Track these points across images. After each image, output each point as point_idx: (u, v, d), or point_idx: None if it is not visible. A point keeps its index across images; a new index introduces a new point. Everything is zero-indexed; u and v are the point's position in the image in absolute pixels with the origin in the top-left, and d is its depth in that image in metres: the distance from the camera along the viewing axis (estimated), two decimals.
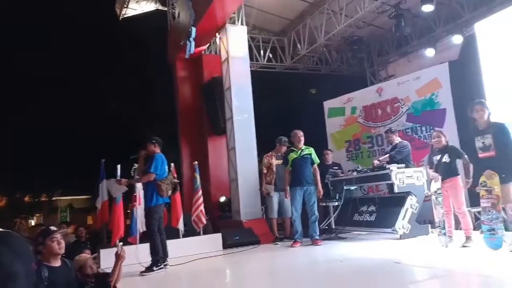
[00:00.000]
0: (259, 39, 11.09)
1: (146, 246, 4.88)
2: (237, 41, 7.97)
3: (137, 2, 11.01)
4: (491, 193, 4.08)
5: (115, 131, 19.22)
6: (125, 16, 11.33)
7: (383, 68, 11.69)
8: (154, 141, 5.12)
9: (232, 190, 7.67)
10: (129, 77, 19.56)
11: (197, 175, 6.54)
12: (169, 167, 5.31)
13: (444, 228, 4.67)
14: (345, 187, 6.54)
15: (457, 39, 9.01)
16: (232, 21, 8.06)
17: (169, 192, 5.06)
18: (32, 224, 21.67)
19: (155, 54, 12.89)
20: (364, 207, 6.34)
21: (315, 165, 6.10)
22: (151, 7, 11.26)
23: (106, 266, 4.17)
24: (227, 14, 7.82)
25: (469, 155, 4.64)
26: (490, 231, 4.08)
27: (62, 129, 20.80)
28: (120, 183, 5.23)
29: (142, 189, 5.35)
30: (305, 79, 12.50)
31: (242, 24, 8.14)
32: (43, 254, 3.01)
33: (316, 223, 5.91)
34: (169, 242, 5.12)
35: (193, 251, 5.75)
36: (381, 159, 6.71)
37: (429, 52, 9.62)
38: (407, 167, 6.00)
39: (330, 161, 7.67)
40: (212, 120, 9.08)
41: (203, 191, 6.68)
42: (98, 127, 20.28)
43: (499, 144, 4.20)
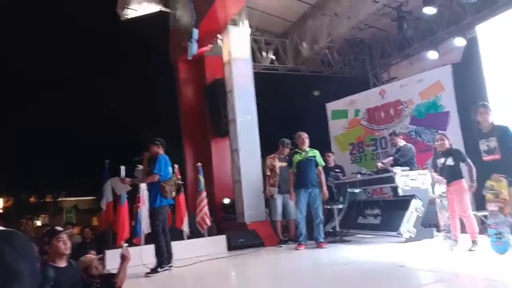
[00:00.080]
0: (262, 41, 11.10)
1: (151, 248, 4.89)
2: (239, 42, 7.98)
3: (138, 2, 11.01)
4: (498, 196, 4.07)
5: (119, 132, 19.27)
6: (127, 17, 11.33)
7: (385, 70, 11.67)
8: (157, 142, 5.13)
9: (236, 192, 7.67)
10: (131, 78, 19.60)
11: (201, 177, 6.54)
12: (173, 168, 5.32)
13: (450, 231, 4.66)
14: (349, 190, 6.53)
15: (459, 42, 8.99)
16: (234, 22, 8.08)
17: (173, 193, 5.07)
18: (38, 225, 21.69)
19: (157, 55, 12.89)
20: (368, 210, 6.33)
21: (320, 167, 6.10)
22: (153, 8, 11.26)
23: (112, 267, 4.17)
24: (229, 16, 7.83)
25: (473, 158, 4.63)
26: (497, 235, 4.07)
27: (67, 129, 20.85)
28: (124, 182, 5.25)
29: (146, 190, 5.36)
30: (308, 81, 12.50)
31: (244, 25, 8.15)
32: (49, 254, 3.02)
33: (321, 225, 5.90)
34: (174, 244, 5.13)
35: (197, 252, 5.76)
36: (385, 161, 6.70)
37: (431, 55, 9.61)
38: (411, 170, 5.99)
39: (332, 163, 7.67)
40: (215, 121, 9.09)
41: (207, 192, 6.68)
42: (104, 128, 20.32)
43: (504, 147, 4.19)
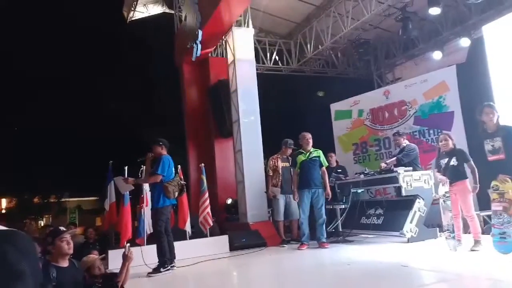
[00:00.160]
0: (266, 42, 11.12)
1: (153, 248, 4.90)
2: (243, 43, 7.99)
3: (144, 5, 11.10)
4: (504, 196, 4.04)
5: (123, 132, 19.38)
6: (133, 19, 11.42)
7: (390, 71, 11.64)
8: (161, 143, 5.14)
9: (239, 192, 7.68)
10: (136, 78, 19.72)
11: (203, 177, 6.56)
12: (176, 169, 5.33)
13: (453, 231, 4.64)
14: (352, 190, 6.52)
15: (464, 42, 8.95)
16: (238, 24, 8.10)
17: (176, 194, 5.08)
18: (41, 225, 21.84)
19: (162, 56, 12.97)
20: (371, 210, 6.30)
21: (324, 168, 6.09)
22: (158, 10, 11.34)
23: (114, 267, 4.19)
24: (233, 17, 7.85)
25: (478, 158, 4.60)
26: (501, 235, 4.04)
27: (71, 130, 21.03)
28: (127, 182, 5.27)
29: (149, 190, 5.38)
30: (312, 81, 12.50)
31: (248, 27, 8.17)
32: (52, 254, 3.03)
33: (324, 225, 5.89)
34: (176, 244, 5.13)
35: (200, 253, 5.77)
36: (388, 162, 6.68)
37: (436, 55, 9.57)
38: (414, 170, 5.96)
39: (334, 164, 7.66)
40: (219, 122, 9.11)
41: (210, 193, 6.69)
42: (108, 128, 20.45)
43: (509, 147, 4.16)
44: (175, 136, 9.54)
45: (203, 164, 6.70)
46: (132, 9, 11.09)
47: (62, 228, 3.25)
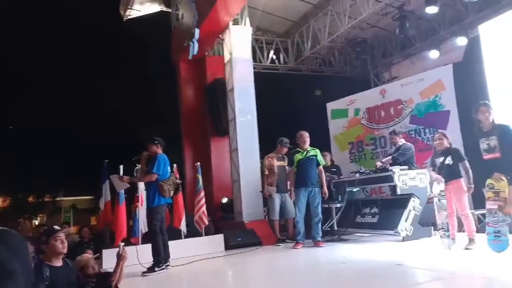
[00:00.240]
0: (263, 41, 11.10)
1: (148, 247, 4.89)
2: (240, 42, 7.97)
3: (141, 3, 11.04)
4: (499, 195, 4.05)
5: (118, 131, 19.31)
6: (129, 17, 11.36)
7: (387, 70, 11.66)
8: (156, 141, 5.12)
9: (235, 191, 7.67)
10: (131, 77, 19.63)
11: (199, 176, 6.55)
12: (171, 167, 5.32)
13: (448, 230, 4.64)
14: (347, 189, 6.52)
15: (461, 41, 8.96)
16: (235, 22, 8.07)
17: (171, 193, 5.06)
18: (36, 224, 21.76)
19: (159, 54, 12.92)
20: (366, 209, 6.32)
21: (321, 167, 6.10)
22: (155, 8, 11.29)
23: (109, 266, 4.17)
24: (230, 16, 7.83)
25: (473, 157, 4.61)
26: (495, 233, 4.04)
27: (66, 129, 20.92)
28: (122, 180, 5.26)
29: (144, 189, 5.37)
30: (309, 80, 12.49)
31: (245, 25, 8.15)
32: (46, 253, 3.02)
33: (319, 224, 5.90)
34: (171, 243, 5.12)
35: (195, 252, 5.76)
36: (384, 161, 6.69)
37: (433, 54, 9.58)
38: (409, 169, 5.97)
39: (328, 163, 7.65)
40: (215, 121, 9.09)
41: (206, 192, 6.68)
42: (102, 127, 20.37)
43: (505, 145, 4.17)
44: (171, 135, 9.51)
45: (198, 163, 6.70)
46: (129, 7, 11.02)
47: (56, 227, 3.24)
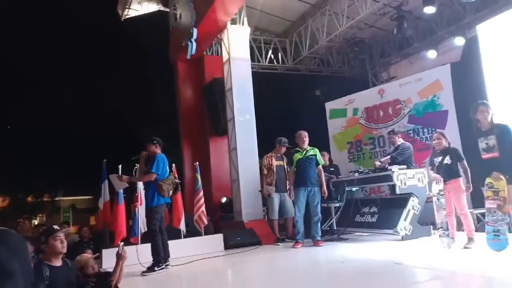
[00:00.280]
0: (261, 40, 11.11)
1: (148, 247, 4.88)
2: (238, 42, 7.97)
3: (139, 3, 11.02)
4: (498, 194, 4.06)
5: (117, 131, 19.27)
6: (127, 17, 11.35)
7: (385, 69, 11.69)
8: (155, 141, 5.12)
9: (234, 190, 7.67)
10: (130, 77, 19.58)
11: (198, 176, 6.55)
12: (170, 167, 5.32)
13: (447, 229, 4.66)
14: (346, 188, 6.53)
15: (459, 41, 8.99)
16: (234, 22, 8.07)
17: (170, 192, 5.06)
18: (35, 224, 21.66)
19: (157, 54, 12.91)
20: (365, 208, 6.32)
21: (320, 166, 6.11)
22: (153, 8, 11.28)
23: (108, 266, 4.17)
24: (228, 15, 7.83)
25: (472, 157, 4.62)
26: (495, 232, 4.06)
27: (65, 129, 20.85)
28: (121, 180, 5.25)
29: (143, 189, 5.36)
30: (307, 80, 12.50)
31: (243, 25, 8.15)
32: (45, 253, 3.01)
33: (319, 224, 5.91)
34: (171, 243, 5.12)
35: (194, 251, 5.76)
36: (382, 160, 6.71)
37: (431, 54, 9.61)
38: (408, 168, 5.99)
39: (327, 162, 7.67)
40: (214, 121, 9.09)
41: (205, 191, 6.68)
42: (101, 127, 20.30)
43: (503, 145, 4.18)
44: (169, 134, 9.52)
45: (197, 163, 6.69)
46: (127, 7, 11.01)
47: (56, 227, 3.24)
